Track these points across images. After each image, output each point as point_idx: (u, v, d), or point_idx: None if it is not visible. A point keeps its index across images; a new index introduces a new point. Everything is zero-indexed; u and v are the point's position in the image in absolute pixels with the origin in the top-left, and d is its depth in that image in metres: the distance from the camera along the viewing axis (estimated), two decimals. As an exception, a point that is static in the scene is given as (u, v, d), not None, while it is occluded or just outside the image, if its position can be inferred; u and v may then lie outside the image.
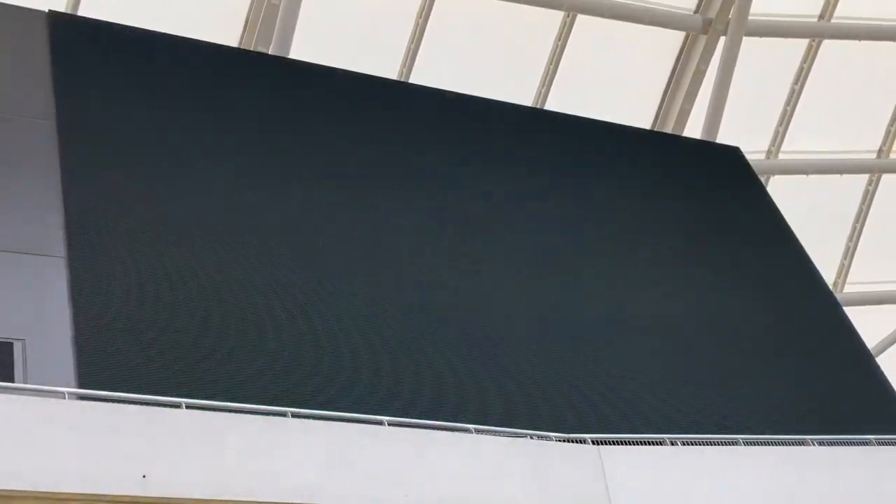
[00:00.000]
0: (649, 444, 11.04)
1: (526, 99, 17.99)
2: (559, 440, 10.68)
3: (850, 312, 15.93)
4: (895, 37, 20.15)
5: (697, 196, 16.26)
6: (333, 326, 11.46)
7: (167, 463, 8.61)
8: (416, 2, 17.11)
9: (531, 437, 10.59)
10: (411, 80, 17.01)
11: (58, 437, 8.36)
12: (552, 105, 17.96)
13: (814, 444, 11.66)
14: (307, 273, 11.94)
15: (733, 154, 17.64)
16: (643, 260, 14.58)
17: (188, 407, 9.14)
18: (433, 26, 17.24)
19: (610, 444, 10.72)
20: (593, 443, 10.68)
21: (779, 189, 19.32)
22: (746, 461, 11.14)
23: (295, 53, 15.81)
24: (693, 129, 18.84)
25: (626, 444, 10.85)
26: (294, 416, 9.55)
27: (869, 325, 19.94)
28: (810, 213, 20.60)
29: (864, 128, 21.04)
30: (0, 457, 8.08)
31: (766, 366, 13.73)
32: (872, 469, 11.50)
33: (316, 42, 16.31)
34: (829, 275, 20.36)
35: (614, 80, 18.75)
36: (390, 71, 17.03)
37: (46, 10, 13.47)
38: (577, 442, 10.69)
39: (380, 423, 9.86)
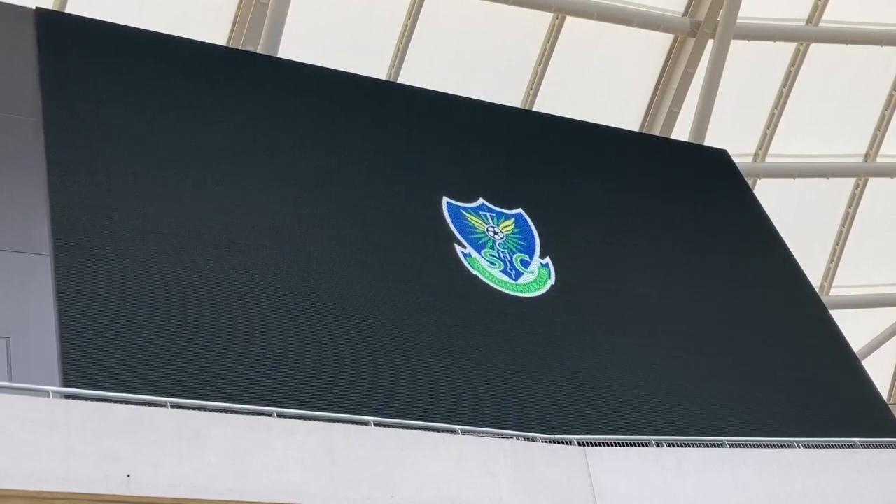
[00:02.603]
0: (635, 445, 11.08)
1: (514, 100, 17.97)
2: (545, 441, 10.69)
3: (836, 315, 15.99)
4: (882, 41, 20.20)
5: (685, 198, 16.29)
6: (320, 328, 11.45)
7: (151, 462, 8.59)
8: (405, 2, 17.10)
9: (517, 438, 10.60)
10: (399, 81, 16.99)
11: (42, 435, 8.33)
12: (541, 106, 17.95)
13: (798, 447, 11.71)
14: (295, 274, 11.92)
15: (721, 156, 17.69)
16: (630, 262, 14.61)
17: (173, 406, 9.13)
18: (422, 27, 17.21)
19: (596, 446, 10.75)
20: (579, 444, 10.71)
21: (766, 192, 19.33)
22: (731, 463, 11.17)
23: (283, 52, 15.78)
24: (681, 132, 18.84)
25: (611, 445, 10.88)
26: (279, 415, 9.54)
27: (854, 328, 20.02)
28: (797, 216, 20.65)
29: (851, 131, 21.08)
30: (-17, 455, 8.06)
31: (752, 368, 13.76)
32: (856, 471, 11.55)
33: (304, 41, 16.27)
34: (815, 278, 20.37)
35: (603, 82, 18.76)
36: (379, 71, 17.01)
37: (34, 8, 13.42)
38: (563, 443, 10.71)
39: (366, 423, 9.87)
